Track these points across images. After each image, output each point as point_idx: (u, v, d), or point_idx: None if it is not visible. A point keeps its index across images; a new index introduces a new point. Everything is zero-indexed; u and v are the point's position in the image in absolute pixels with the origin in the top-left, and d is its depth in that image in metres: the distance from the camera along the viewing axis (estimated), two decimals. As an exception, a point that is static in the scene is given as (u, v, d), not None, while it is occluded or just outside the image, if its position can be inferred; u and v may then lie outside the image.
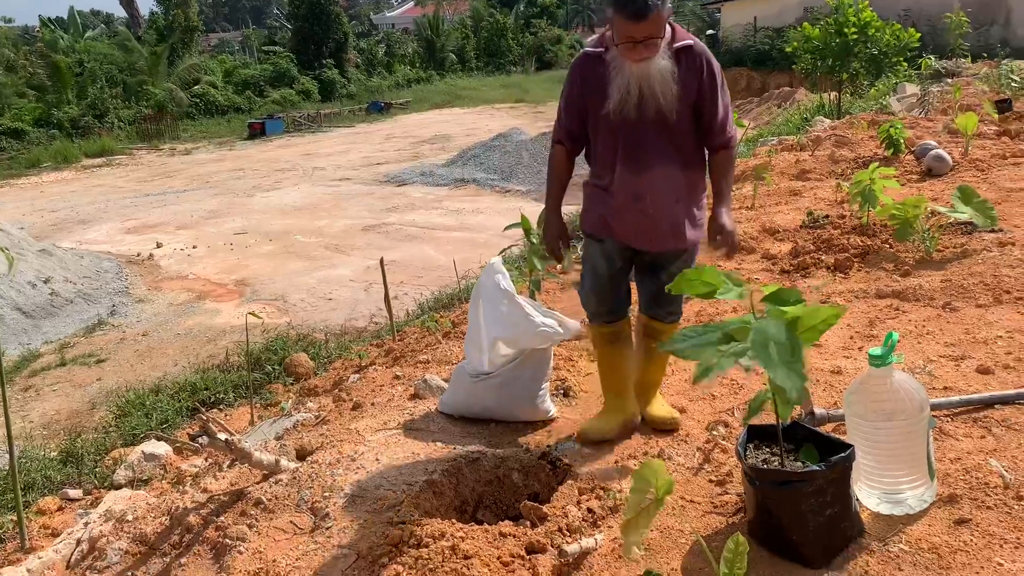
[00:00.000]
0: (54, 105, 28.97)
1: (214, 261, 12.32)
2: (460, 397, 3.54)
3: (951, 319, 4.03)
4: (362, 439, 3.35)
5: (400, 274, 10.35)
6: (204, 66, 35.70)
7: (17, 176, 23.16)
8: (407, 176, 18.60)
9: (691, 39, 2.88)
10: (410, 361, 4.88)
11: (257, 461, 3.06)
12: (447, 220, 14.19)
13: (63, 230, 15.19)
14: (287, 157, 23.50)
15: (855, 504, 2.33)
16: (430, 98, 38.56)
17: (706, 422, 3.25)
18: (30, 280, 10.32)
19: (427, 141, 25.22)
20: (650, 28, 2.70)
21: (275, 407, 5.72)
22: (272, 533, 2.73)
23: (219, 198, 17.38)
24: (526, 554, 2.39)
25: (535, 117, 29.73)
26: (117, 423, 6.34)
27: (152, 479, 4.70)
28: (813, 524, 2.23)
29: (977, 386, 3.23)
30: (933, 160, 7.19)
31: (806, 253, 5.35)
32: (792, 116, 15.94)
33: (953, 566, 2.20)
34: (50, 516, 4.43)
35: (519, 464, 2.98)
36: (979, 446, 2.76)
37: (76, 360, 8.49)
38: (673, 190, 2.96)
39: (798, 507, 2.22)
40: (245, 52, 45.44)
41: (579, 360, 4.16)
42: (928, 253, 4.95)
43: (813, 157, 8.71)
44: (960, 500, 2.45)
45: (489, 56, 49.32)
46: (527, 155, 18.37)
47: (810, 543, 2.24)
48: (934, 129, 9.16)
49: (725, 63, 31.36)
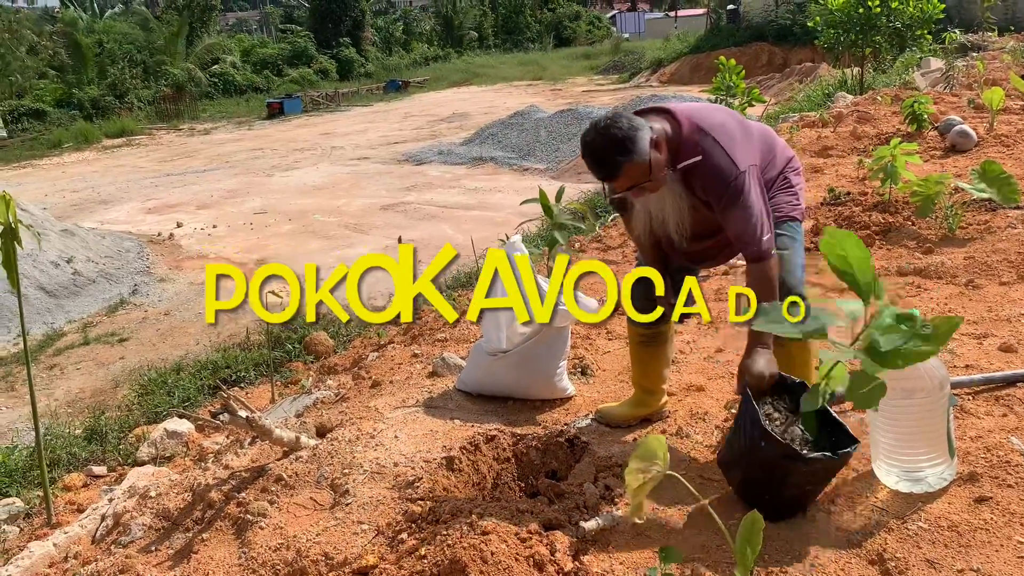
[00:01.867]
0: (75, 85, 29.13)
1: (234, 241, 12.38)
2: (478, 375, 3.55)
3: (974, 297, 3.99)
4: (381, 416, 3.37)
5: (418, 253, 10.32)
6: (223, 45, 35.74)
7: (39, 157, 23.34)
8: (425, 155, 18.57)
9: (699, 152, 2.55)
10: (428, 339, 4.90)
11: (278, 438, 3.08)
12: (465, 199, 14.17)
13: (84, 210, 15.31)
14: (305, 136, 23.52)
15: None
16: (448, 76, 38.39)
17: (725, 400, 3.24)
18: (53, 260, 10.43)
19: (445, 120, 25.14)
20: (628, 181, 2.52)
21: (295, 385, 5.76)
22: (292, 509, 2.76)
23: (238, 178, 17.44)
24: (544, 530, 2.40)
25: (553, 95, 29.55)
26: (140, 401, 6.42)
27: (175, 456, 4.76)
28: (790, 494, 2.35)
29: (999, 364, 3.20)
30: (957, 136, 7.08)
31: (827, 230, 5.30)
32: (814, 92, 15.71)
33: (973, 544, 2.19)
34: (75, 492, 4.51)
35: (537, 441, 2.99)
36: (1000, 424, 2.74)
37: (99, 339, 8.59)
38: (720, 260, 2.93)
39: (788, 477, 2.31)
40: (263, 31, 45.43)
41: (597, 338, 4.16)
42: (951, 230, 4.89)
43: (835, 133, 8.61)
44: (980, 478, 2.44)
45: (507, 33, 49.00)
46: (545, 133, 18.26)
47: (774, 504, 2.33)
48: (959, 104, 9.01)
49: (746, 38, 31.00)
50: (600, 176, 2.54)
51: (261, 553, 2.55)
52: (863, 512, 2.38)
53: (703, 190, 2.61)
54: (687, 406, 3.23)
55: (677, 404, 3.25)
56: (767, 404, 2.47)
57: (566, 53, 43.64)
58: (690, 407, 3.21)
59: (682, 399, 3.31)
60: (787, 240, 2.76)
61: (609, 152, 2.47)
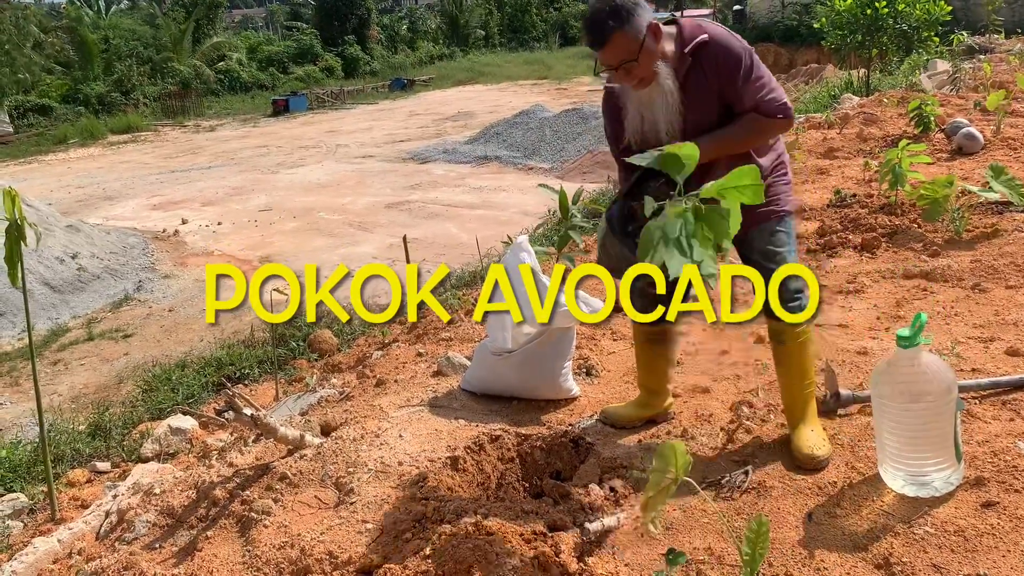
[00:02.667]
0: (81, 82, 29.19)
1: (239, 238, 12.41)
2: (483, 374, 3.54)
3: (980, 300, 3.97)
4: (385, 415, 3.36)
5: (423, 251, 10.37)
6: (229, 43, 35.80)
7: (45, 152, 23.41)
8: (430, 153, 18.59)
9: (704, 33, 2.55)
10: (433, 339, 4.90)
11: (282, 436, 3.08)
12: (470, 197, 14.18)
13: (90, 206, 15.34)
14: (311, 134, 23.55)
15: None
16: (453, 75, 38.43)
17: (730, 402, 3.24)
18: (58, 255, 10.46)
19: (450, 118, 25.15)
20: (616, 53, 2.47)
21: (300, 383, 5.77)
22: (297, 507, 2.76)
23: (244, 175, 17.46)
24: (548, 531, 2.39)
25: (558, 94, 29.54)
26: (144, 397, 6.43)
27: (179, 453, 4.77)
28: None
29: (1006, 368, 3.19)
30: (964, 138, 7.06)
31: (833, 232, 5.29)
32: (820, 93, 15.68)
33: (979, 549, 2.18)
34: (79, 488, 4.51)
35: (541, 442, 2.98)
36: (1008, 429, 2.72)
37: (104, 335, 8.61)
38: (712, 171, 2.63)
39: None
40: (269, 28, 45.48)
41: (602, 339, 4.15)
42: (958, 233, 4.87)
43: (841, 135, 8.59)
44: (987, 483, 2.43)
45: (512, 32, 49.01)
46: (550, 132, 18.27)
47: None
48: (965, 107, 8.99)
49: (752, 39, 30.87)
50: (590, 42, 2.51)
51: (265, 551, 2.54)
52: (869, 516, 2.37)
53: (716, 74, 2.54)
54: (692, 407, 3.22)
55: (682, 405, 3.24)
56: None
57: (572, 52, 43.60)
58: (695, 408, 3.20)
59: (687, 400, 3.30)
60: (784, 237, 2.71)
61: (603, 17, 2.46)
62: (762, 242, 2.67)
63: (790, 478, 2.62)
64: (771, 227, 2.68)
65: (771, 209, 2.66)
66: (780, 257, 2.67)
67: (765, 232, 2.67)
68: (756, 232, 2.66)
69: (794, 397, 2.80)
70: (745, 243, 2.68)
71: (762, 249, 2.67)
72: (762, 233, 2.67)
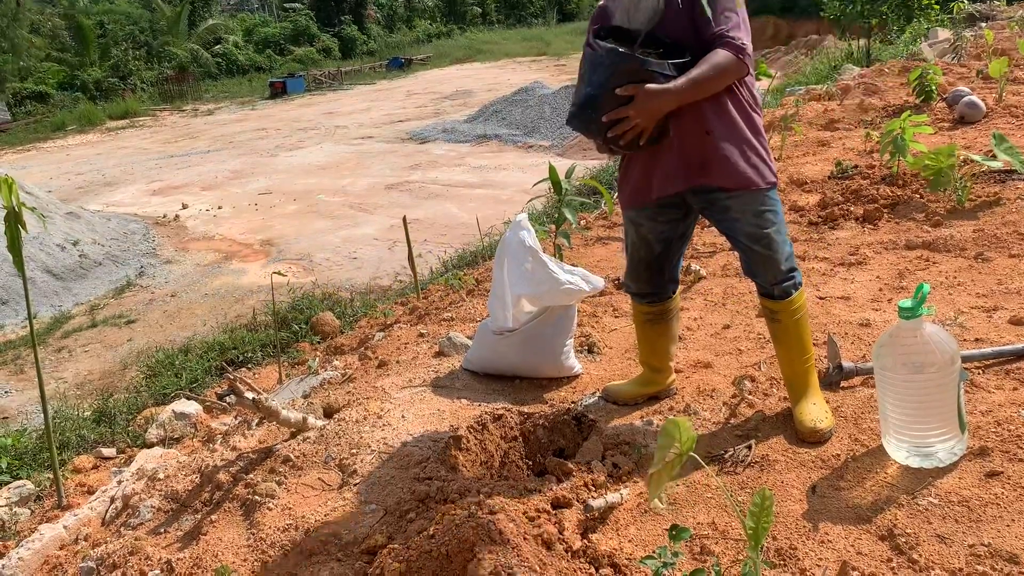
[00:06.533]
0: (78, 67, 29.06)
1: (239, 221, 12.39)
2: (484, 354, 3.54)
3: (983, 270, 3.95)
4: (388, 396, 3.36)
5: (424, 232, 10.35)
6: (225, 25, 35.59)
7: (43, 139, 23.35)
8: (429, 133, 18.50)
9: None
10: (434, 319, 4.89)
11: (285, 419, 3.08)
12: (470, 177, 14.13)
13: (89, 192, 15.32)
14: (309, 116, 23.45)
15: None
16: (451, 53, 38.20)
17: (732, 376, 3.23)
18: (59, 243, 10.45)
19: (448, 97, 25.03)
20: None
21: (302, 365, 5.77)
22: (300, 490, 2.76)
23: (243, 158, 17.41)
24: (552, 509, 2.39)
25: (557, 70, 29.36)
26: (148, 383, 6.44)
27: (183, 437, 4.78)
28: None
29: (1010, 337, 3.17)
30: (966, 107, 7.00)
31: (835, 204, 5.26)
32: (820, 65, 15.56)
33: (984, 519, 2.17)
34: (85, 474, 4.52)
35: (544, 420, 2.98)
36: (1011, 398, 2.71)
37: (107, 321, 8.62)
38: (698, 120, 2.54)
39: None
40: (264, 10, 45.15)
41: (603, 316, 4.14)
42: (960, 203, 4.84)
43: (841, 106, 8.53)
44: (991, 453, 2.42)
45: (510, 9, 48.67)
46: (549, 109, 18.16)
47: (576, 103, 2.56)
48: (967, 75, 8.91)
49: (751, 11, 30.67)
50: None
51: (270, 534, 2.55)
52: (873, 488, 2.37)
53: None
54: (695, 383, 3.21)
55: (684, 381, 3.24)
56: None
57: (570, 28, 43.34)
58: (697, 384, 3.20)
59: (689, 376, 3.29)
60: (771, 216, 2.61)
61: None
62: (748, 224, 2.60)
63: (793, 451, 2.61)
64: (755, 207, 2.58)
65: (752, 179, 2.57)
66: (768, 239, 2.60)
67: (749, 211, 2.58)
68: (738, 204, 2.59)
69: (795, 371, 2.79)
70: (728, 216, 2.62)
71: (749, 232, 2.60)
72: (745, 210, 2.59)
